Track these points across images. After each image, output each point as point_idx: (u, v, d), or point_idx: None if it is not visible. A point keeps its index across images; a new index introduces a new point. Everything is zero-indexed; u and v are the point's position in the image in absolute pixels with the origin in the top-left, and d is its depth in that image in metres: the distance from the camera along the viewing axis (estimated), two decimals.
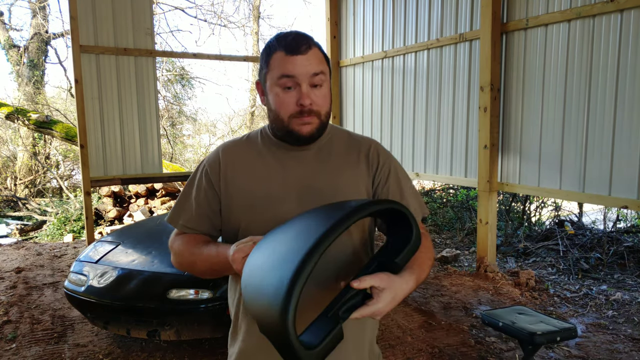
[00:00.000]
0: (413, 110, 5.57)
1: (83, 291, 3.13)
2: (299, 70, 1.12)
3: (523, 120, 4.39)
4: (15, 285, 4.71)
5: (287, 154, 1.23)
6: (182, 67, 13.94)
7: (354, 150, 1.27)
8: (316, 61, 1.14)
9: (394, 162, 1.30)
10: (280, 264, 0.83)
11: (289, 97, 1.14)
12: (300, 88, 1.13)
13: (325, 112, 1.18)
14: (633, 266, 5.02)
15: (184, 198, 1.29)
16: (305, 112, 1.13)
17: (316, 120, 1.16)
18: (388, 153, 1.31)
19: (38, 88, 12.55)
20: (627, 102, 3.57)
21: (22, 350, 3.31)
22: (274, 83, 1.15)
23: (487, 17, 4.43)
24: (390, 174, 1.27)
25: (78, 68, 5.19)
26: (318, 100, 1.15)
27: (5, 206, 10.61)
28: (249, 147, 1.27)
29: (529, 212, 7.00)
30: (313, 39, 1.17)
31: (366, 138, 1.32)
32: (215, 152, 1.29)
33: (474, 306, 4.02)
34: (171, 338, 3.01)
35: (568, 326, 2.51)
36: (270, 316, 0.80)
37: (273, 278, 0.82)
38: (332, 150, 1.26)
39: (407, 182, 1.30)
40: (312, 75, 1.13)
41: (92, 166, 5.35)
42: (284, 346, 0.80)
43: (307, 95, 1.13)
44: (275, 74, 1.14)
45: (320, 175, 1.22)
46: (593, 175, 3.83)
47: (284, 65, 1.13)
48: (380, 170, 1.26)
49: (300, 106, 1.13)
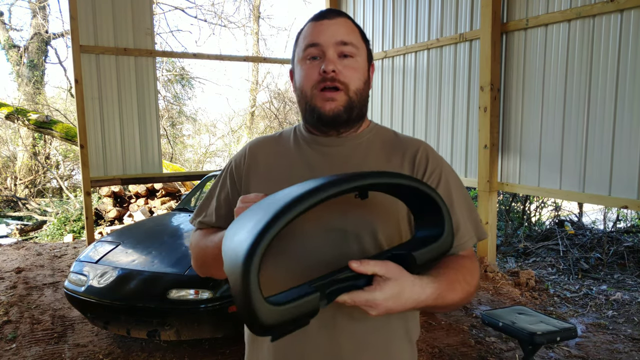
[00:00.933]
0: (413, 110, 5.57)
1: (83, 291, 3.13)
2: (324, 37, 0.98)
3: (523, 120, 4.39)
4: (15, 285, 4.71)
5: (317, 150, 1.06)
6: (182, 67, 13.94)
7: (397, 152, 1.06)
8: (345, 29, 1.00)
9: (446, 169, 1.06)
10: (254, 223, 0.74)
11: (312, 67, 0.99)
12: (326, 55, 0.98)
13: (355, 87, 1.00)
14: (633, 266, 5.02)
15: (208, 197, 1.19)
16: (328, 80, 0.97)
17: (343, 97, 0.99)
18: (440, 158, 1.08)
19: (38, 88, 12.55)
20: (627, 102, 3.57)
21: (22, 350, 3.31)
22: (299, 57, 1.03)
23: (487, 17, 4.43)
24: (441, 183, 1.03)
25: (78, 68, 5.19)
26: (345, 71, 0.98)
27: (5, 206, 10.61)
28: (277, 144, 1.13)
29: (529, 212, 7.00)
30: (346, 13, 1.05)
31: (415, 139, 1.11)
32: (243, 149, 1.17)
33: (474, 306, 4.02)
34: (171, 338, 3.01)
35: (568, 326, 2.51)
36: (236, 261, 0.71)
37: (243, 233, 0.74)
38: (370, 151, 1.06)
39: (461, 194, 1.05)
40: (339, 42, 0.98)
41: (92, 166, 5.35)
42: (244, 296, 0.68)
43: (330, 61, 0.97)
44: (301, 46, 1.02)
45: None
46: (593, 175, 3.83)
47: (309, 33, 1.01)
48: (427, 177, 1.03)
49: (322, 73, 0.97)
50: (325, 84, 0.98)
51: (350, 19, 1.04)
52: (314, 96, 1.00)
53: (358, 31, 1.04)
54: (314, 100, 1.00)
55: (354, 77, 1.00)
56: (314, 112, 1.01)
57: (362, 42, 1.03)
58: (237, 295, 0.70)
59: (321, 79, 0.98)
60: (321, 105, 0.99)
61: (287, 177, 1.04)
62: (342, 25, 1.00)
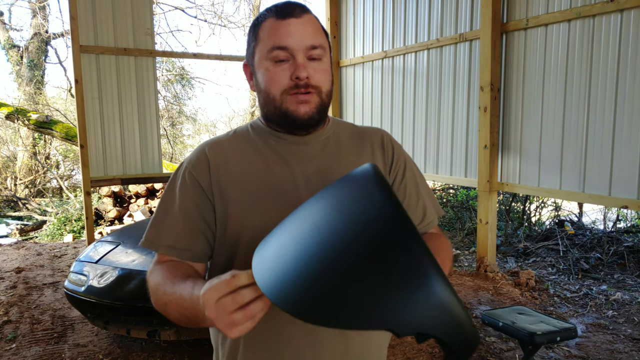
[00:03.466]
0: (413, 110, 5.57)
1: (83, 291, 3.13)
2: (293, 40, 0.94)
3: (523, 120, 4.39)
4: (15, 285, 4.71)
5: (288, 147, 1.04)
6: (182, 67, 13.94)
7: (365, 142, 1.10)
8: (313, 30, 0.97)
9: (406, 154, 1.14)
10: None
11: (280, 71, 0.95)
12: (295, 60, 0.94)
13: (326, 89, 0.99)
14: (633, 266, 5.02)
15: (163, 213, 1.02)
16: (302, 87, 0.95)
17: (316, 99, 0.97)
18: (399, 144, 1.15)
19: (38, 88, 12.55)
20: (627, 102, 3.57)
21: (22, 350, 3.31)
22: (263, 57, 0.97)
23: (487, 17, 4.43)
24: (407, 169, 1.11)
25: (78, 68, 5.19)
26: (317, 75, 0.96)
27: (5, 206, 10.61)
28: (240, 142, 1.06)
29: (529, 212, 7.00)
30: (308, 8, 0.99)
31: (373, 127, 1.15)
32: (198, 152, 1.05)
33: (474, 306, 4.02)
34: (171, 338, 3.01)
35: (568, 326, 2.51)
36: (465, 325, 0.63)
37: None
38: (340, 144, 1.08)
39: (422, 178, 1.15)
40: (309, 47, 0.95)
41: (92, 166, 5.35)
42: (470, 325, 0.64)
43: (303, 67, 0.94)
44: (265, 45, 0.96)
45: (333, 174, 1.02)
46: (593, 175, 3.83)
47: (275, 33, 0.95)
48: (396, 163, 1.10)
49: (295, 80, 0.94)
50: (298, 90, 0.95)
51: (312, 14, 0.99)
52: (284, 100, 0.96)
53: (321, 28, 1.00)
54: (286, 104, 0.97)
55: (324, 80, 0.98)
56: (287, 116, 0.98)
57: (326, 41, 1.00)
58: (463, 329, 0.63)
59: (294, 85, 0.95)
60: (295, 108, 0.96)
61: (267, 171, 1.02)
62: (309, 25, 0.96)
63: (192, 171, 1.02)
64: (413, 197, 1.10)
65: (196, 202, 1.01)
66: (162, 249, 1.00)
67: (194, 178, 1.01)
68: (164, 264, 0.99)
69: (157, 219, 1.03)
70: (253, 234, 0.96)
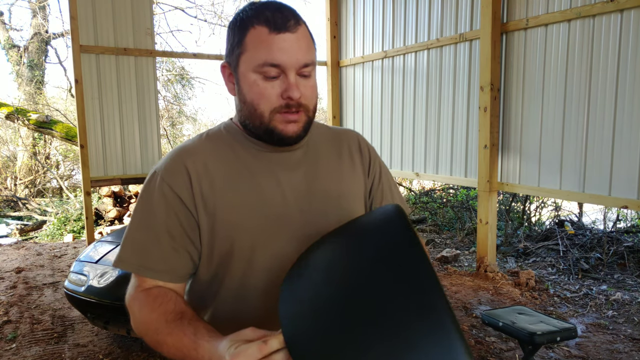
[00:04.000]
0: (413, 110, 5.57)
1: (83, 291, 3.13)
2: (286, 57, 0.89)
3: (523, 120, 4.39)
4: (15, 285, 4.71)
5: (271, 156, 1.00)
6: (182, 67, 13.94)
7: (342, 145, 1.10)
8: (306, 45, 0.92)
9: (378, 156, 1.17)
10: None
11: (271, 88, 0.91)
12: (287, 77, 0.91)
13: (313, 106, 0.97)
14: (633, 266, 5.02)
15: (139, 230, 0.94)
16: (293, 107, 0.92)
17: (304, 118, 0.95)
18: (372, 146, 1.16)
19: (38, 88, 12.55)
20: (627, 102, 3.57)
21: (22, 350, 3.31)
22: (250, 69, 0.91)
23: (487, 17, 4.43)
24: (382, 171, 1.14)
25: (78, 68, 5.19)
26: (307, 92, 0.94)
27: (5, 206, 10.61)
28: (216, 147, 0.99)
29: (529, 212, 7.00)
30: (298, 13, 0.94)
31: (346, 130, 1.15)
32: (174, 160, 0.96)
33: (474, 306, 4.02)
34: None
35: (568, 326, 2.51)
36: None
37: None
38: (319, 149, 1.06)
39: (393, 180, 1.18)
40: (302, 66, 0.92)
41: (92, 166, 5.35)
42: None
43: (296, 87, 0.91)
44: (255, 58, 0.90)
45: (318, 180, 1.02)
46: (593, 175, 3.83)
47: (267, 47, 0.89)
48: (372, 166, 1.12)
49: (287, 99, 0.91)
50: (289, 110, 0.92)
51: (303, 22, 0.95)
52: (272, 119, 0.93)
53: (312, 41, 0.96)
54: (274, 123, 0.93)
55: (313, 97, 0.96)
56: (273, 134, 0.94)
57: (315, 54, 0.97)
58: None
59: (285, 105, 0.91)
60: (282, 127, 0.93)
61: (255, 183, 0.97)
62: (303, 41, 0.92)
63: (170, 183, 0.94)
64: (388, 198, 1.13)
65: (178, 217, 0.93)
66: (142, 271, 0.92)
67: (173, 191, 0.93)
68: (148, 292, 0.91)
69: (131, 237, 0.94)
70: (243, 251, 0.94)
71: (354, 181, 1.08)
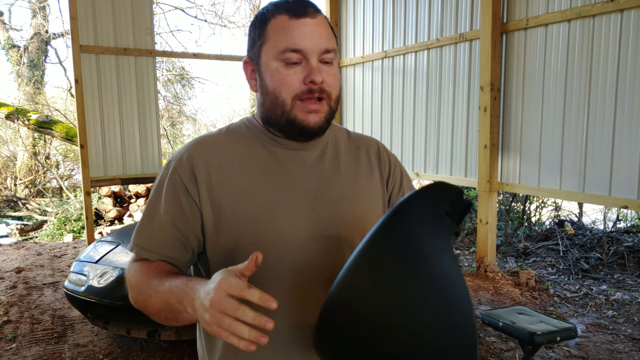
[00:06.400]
0: (413, 110, 5.57)
1: (83, 291, 3.12)
2: (309, 43, 0.88)
3: (523, 120, 4.39)
4: (15, 285, 4.71)
5: (286, 153, 0.98)
6: (182, 67, 13.94)
7: (361, 151, 1.07)
8: (327, 32, 0.92)
9: (400, 164, 1.14)
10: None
11: (293, 74, 0.90)
12: (309, 62, 0.89)
13: (336, 95, 0.94)
14: (633, 266, 5.02)
15: (149, 218, 0.96)
16: (316, 92, 0.90)
17: (325, 108, 0.93)
18: (394, 154, 1.15)
19: (38, 88, 12.55)
20: (627, 102, 3.57)
21: (22, 350, 3.31)
22: (272, 57, 0.91)
23: (487, 17, 4.43)
24: (403, 178, 1.11)
25: (78, 68, 5.19)
26: (329, 79, 0.91)
27: (5, 206, 10.61)
28: (233, 141, 0.99)
29: (529, 212, 7.00)
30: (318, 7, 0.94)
31: (367, 137, 1.13)
32: (186, 151, 0.97)
33: (474, 306, 4.03)
34: (171, 338, 3.01)
35: (568, 326, 2.51)
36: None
37: None
38: (338, 151, 1.04)
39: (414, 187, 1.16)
40: (323, 50, 0.90)
41: (92, 166, 5.35)
42: None
43: (318, 70, 0.89)
44: (276, 45, 0.90)
45: (333, 184, 0.99)
46: (593, 175, 3.83)
47: (288, 33, 0.89)
48: (393, 174, 1.09)
49: (309, 83, 0.89)
50: (311, 95, 0.90)
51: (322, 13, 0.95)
52: (294, 106, 0.91)
53: (332, 30, 0.96)
54: (295, 112, 0.91)
55: (336, 85, 0.94)
56: (295, 124, 0.92)
57: (336, 44, 0.96)
58: None
59: (307, 90, 0.90)
60: (304, 117, 0.91)
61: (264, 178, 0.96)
62: (323, 27, 0.91)
63: (181, 173, 0.95)
64: None
65: (183, 207, 0.94)
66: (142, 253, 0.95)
67: (182, 181, 0.94)
68: (143, 262, 0.95)
69: (142, 223, 0.97)
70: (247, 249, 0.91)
71: (370, 188, 1.05)
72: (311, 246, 0.95)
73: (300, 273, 0.94)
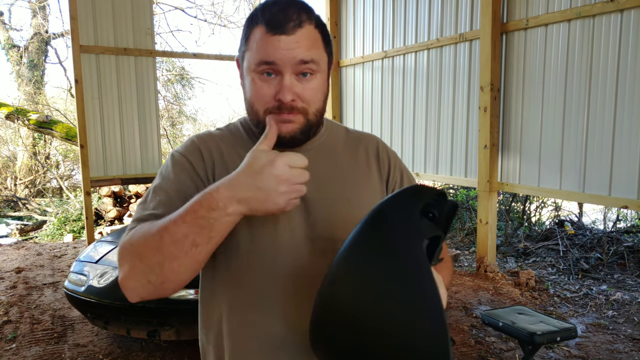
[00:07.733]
0: (413, 110, 5.57)
1: (83, 291, 3.13)
2: (280, 56, 0.86)
3: (523, 120, 4.39)
4: (15, 285, 4.71)
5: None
6: (182, 67, 13.94)
7: (359, 150, 1.06)
8: (307, 44, 0.87)
9: (401, 162, 1.12)
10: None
11: (266, 87, 0.88)
12: (283, 77, 0.87)
13: (315, 109, 0.92)
14: (633, 266, 5.02)
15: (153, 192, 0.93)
16: (285, 109, 0.88)
17: (300, 119, 0.90)
18: (393, 151, 1.12)
19: (38, 88, 12.55)
20: (627, 102, 3.57)
21: (22, 350, 3.31)
22: (251, 67, 0.89)
23: (487, 17, 4.43)
24: (404, 178, 1.09)
25: (78, 68, 5.19)
26: (305, 94, 0.89)
27: (5, 206, 10.61)
28: (232, 139, 1.00)
29: (529, 212, 7.00)
30: (309, 11, 0.89)
31: (366, 134, 1.11)
32: (192, 141, 0.99)
33: (474, 306, 4.02)
34: (171, 338, 3.01)
35: (568, 326, 2.51)
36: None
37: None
38: (334, 151, 1.03)
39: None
40: (298, 62, 0.87)
41: (92, 166, 5.35)
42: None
43: (288, 89, 0.87)
44: (253, 57, 0.88)
45: (328, 184, 0.98)
46: (593, 175, 3.83)
47: (262, 47, 0.87)
48: (392, 173, 1.07)
49: (278, 101, 0.88)
50: (281, 112, 0.88)
51: (314, 20, 0.90)
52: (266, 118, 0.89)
53: (321, 38, 0.91)
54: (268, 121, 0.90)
55: (314, 99, 0.90)
56: None
57: (324, 52, 0.91)
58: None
59: (277, 106, 0.88)
60: (277, 127, 0.88)
61: None
62: (303, 40, 0.87)
63: (185, 155, 0.95)
64: None
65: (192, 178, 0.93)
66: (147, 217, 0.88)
67: (189, 161, 0.94)
68: (142, 223, 0.87)
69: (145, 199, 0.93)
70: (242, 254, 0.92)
71: (368, 188, 1.03)
72: (306, 248, 0.94)
73: (295, 275, 0.93)
